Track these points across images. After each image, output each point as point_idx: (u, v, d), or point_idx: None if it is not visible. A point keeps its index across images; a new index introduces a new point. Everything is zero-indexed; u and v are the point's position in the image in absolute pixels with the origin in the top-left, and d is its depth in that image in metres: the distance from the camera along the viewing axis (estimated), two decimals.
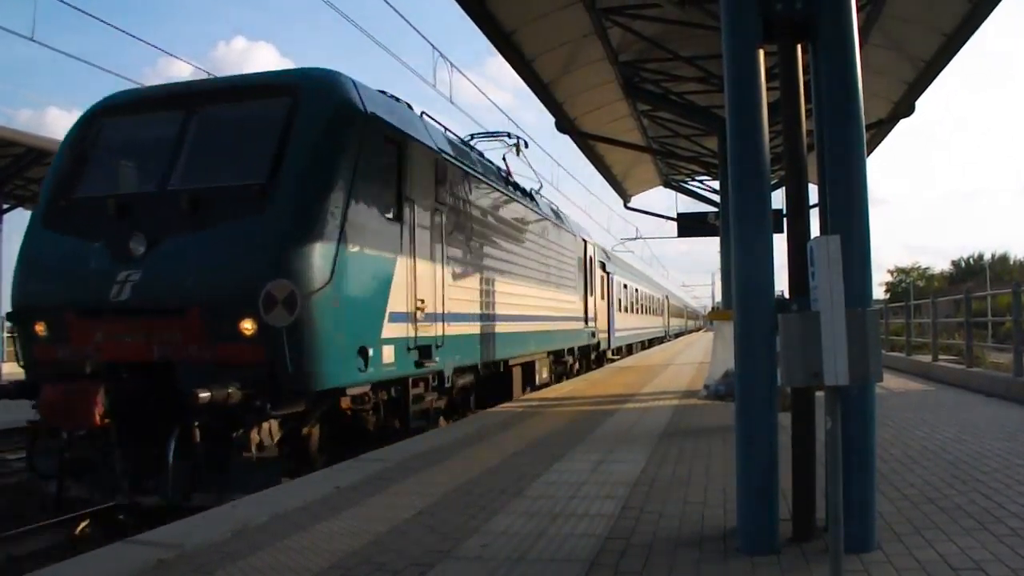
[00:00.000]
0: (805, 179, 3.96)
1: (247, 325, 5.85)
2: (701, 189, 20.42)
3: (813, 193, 4.63)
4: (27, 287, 6.71)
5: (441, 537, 3.95)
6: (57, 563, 3.73)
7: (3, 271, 17.17)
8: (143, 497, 5.89)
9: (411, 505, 4.65)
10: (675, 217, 17.20)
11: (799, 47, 3.92)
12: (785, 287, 3.84)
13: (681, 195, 21.27)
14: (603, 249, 23.90)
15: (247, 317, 5.84)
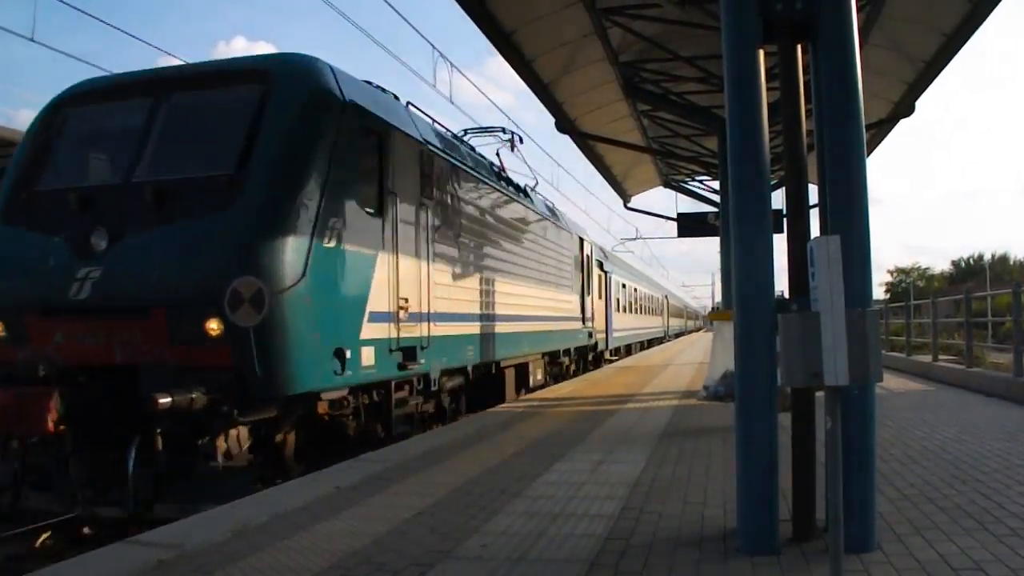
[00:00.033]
0: (805, 179, 3.97)
1: (213, 326, 5.52)
2: (701, 189, 20.48)
3: (813, 193, 4.62)
4: None
5: (441, 537, 3.95)
6: (57, 563, 3.72)
7: None
8: (104, 508, 5.55)
9: (411, 505, 4.65)
10: (675, 217, 17.24)
11: (799, 47, 3.92)
12: (785, 287, 3.84)
13: (681, 195, 21.34)
14: (601, 248, 23.56)
15: (213, 317, 5.52)
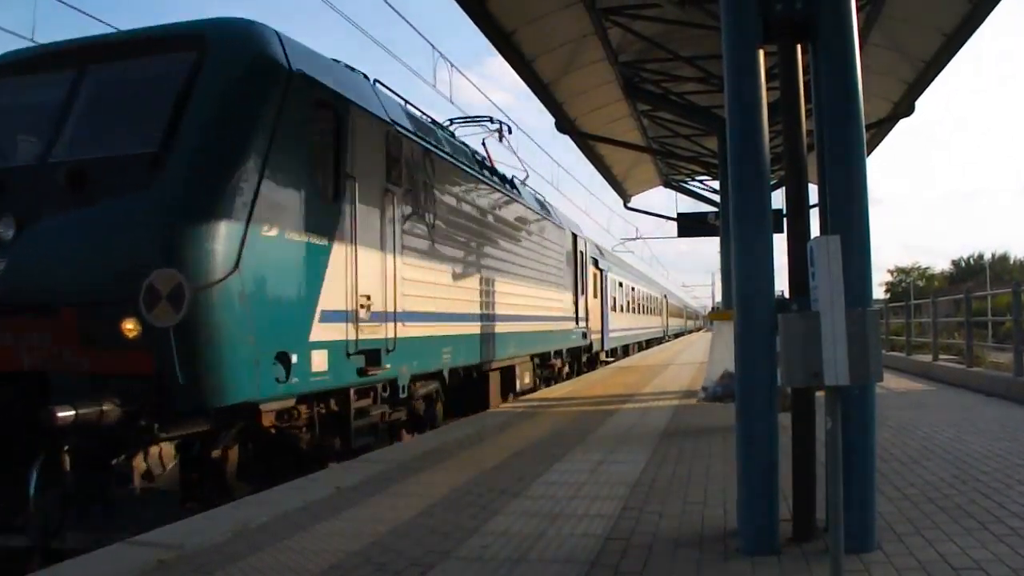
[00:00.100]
0: (805, 179, 3.97)
1: (129, 326, 4.85)
2: (701, 189, 20.48)
3: (813, 193, 4.62)
4: None
5: (441, 537, 3.95)
6: (57, 564, 3.72)
7: None
8: (8, 536, 4.84)
9: (411, 505, 4.65)
10: (675, 217, 17.24)
11: (799, 47, 3.92)
12: (785, 287, 3.84)
13: (681, 195, 21.34)
14: (596, 245, 22.95)
15: (129, 316, 4.85)
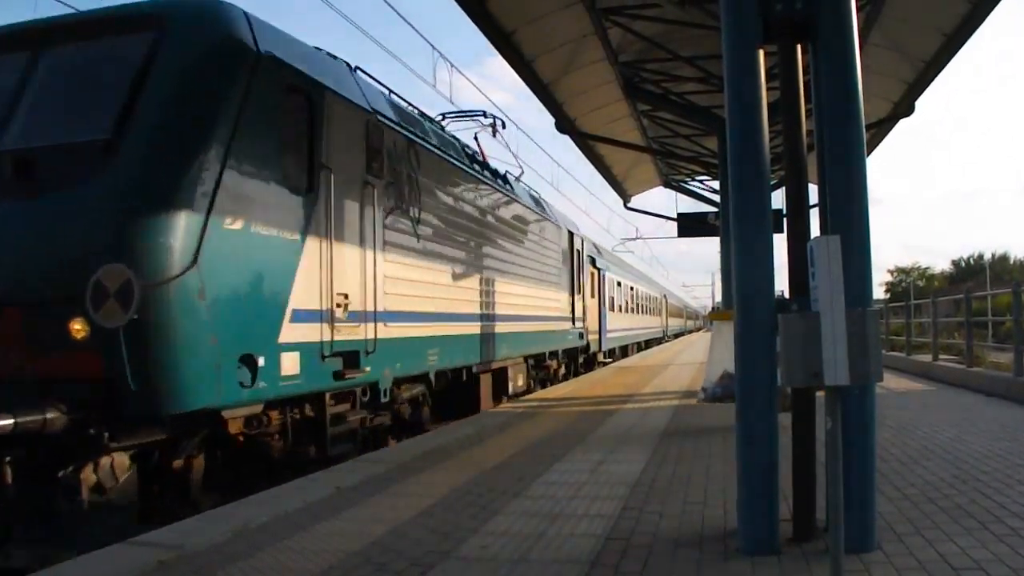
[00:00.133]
0: (805, 179, 3.97)
1: (77, 327, 4.55)
2: (701, 189, 20.49)
3: (813, 193, 4.62)
4: None
5: (441, 538, 3.95)
6: (57, 564, 3.72)
7: None
8: None
9: (412, 506, 4.65)
10: (675, 217, 17.24)
11: (799, 47, 3.92)
12: (785, 287, 3.84)
13: (681, 195, 21.35)
14: (594, 244, 22.52)
15: (76, 316, 4.54)
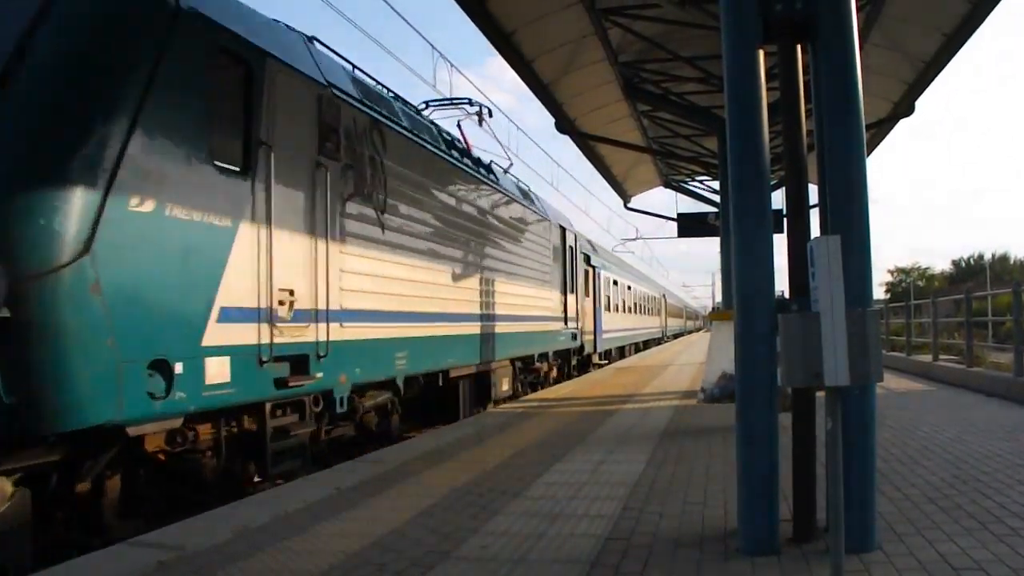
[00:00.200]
0: (805, 179, 3.96)
1: None
2: (701, 189, 20.48)
3: (813, 193, 4.62)
4: None
5: (442, 538, 3.95)
6: (56, 565, 3.72)
7: None
8: None
9: (412, 506, 4.65)
10: (675, 217, 17.24)
11: (799, 47, 3.92)
12: (785, 287, 3.84)
13: (681, 195, 21.33)
14: (589, 240, 21.75)
15: None
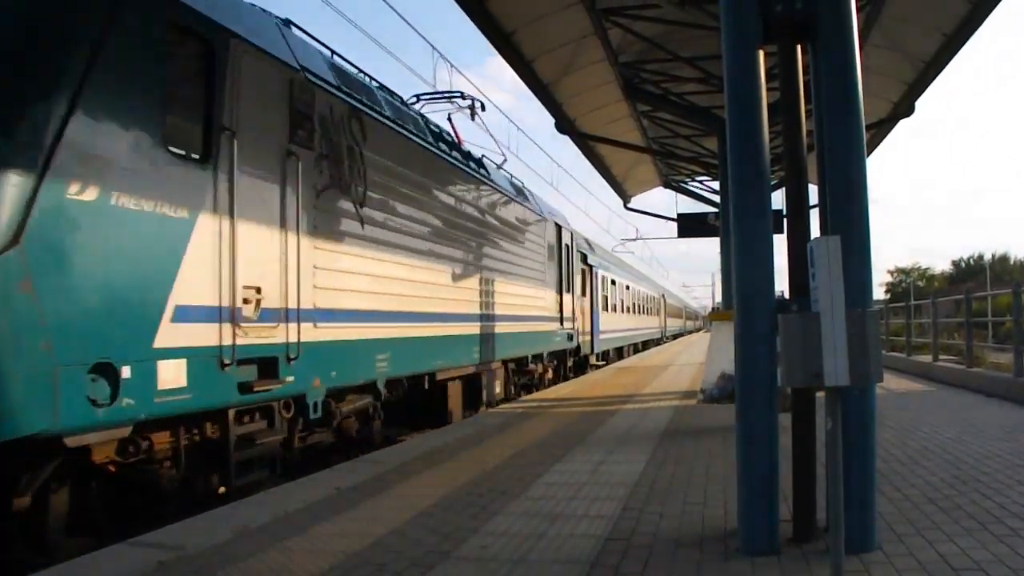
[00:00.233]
0: (805, 179, 3.97)
1: None
2: (701, 189, 20.49)
3: (813, 193, 4.62)
4: None
5: (441, 538, 3.95)
6: (56, 565, 3.72)
7: None
8: None
9: (411, 506, 4.65)
10: (675, 217, 17.24)
11: (799, 47, 3.92)
12: (785, 287, 3.84)
13: (681, 195, 21.33)
14: (586, 239, 21.26)
15: None
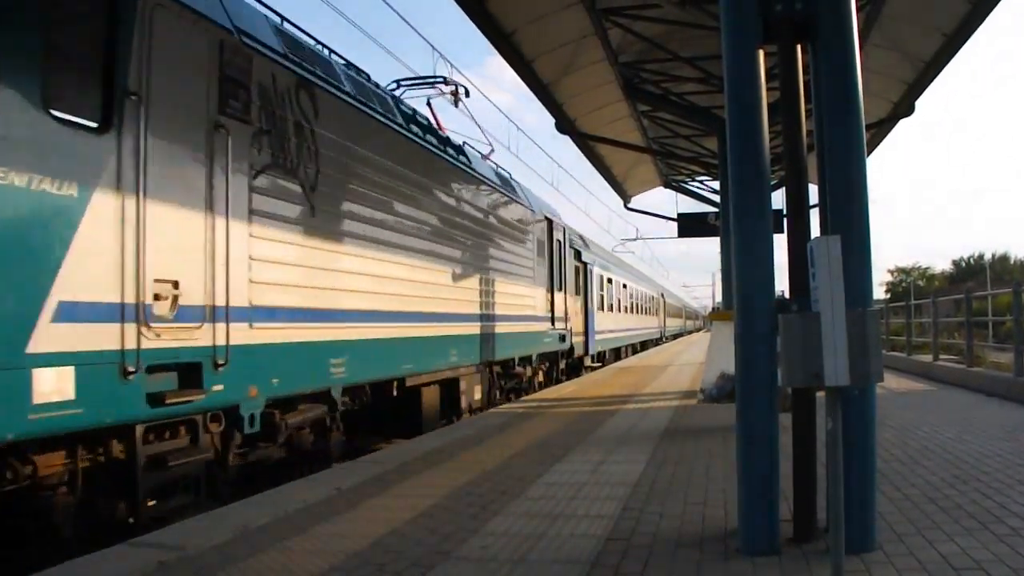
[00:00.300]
0: (805, 179, 3.96)
1: None
2: (701, 189, 20.49)
3: (813, 193, 4.62)
4: None
5: (442, 538, 3.95)
6: (56, 566, 3.71)
7: None
8: None
9: (412, 506, 4.65)
10: (675, 217, 17.24)
11: (799, 47, 3.92)
12: (785, 287, 3.84)
13: (681, 195, 21.34)
14: (580, 235, 20.46)
15: None
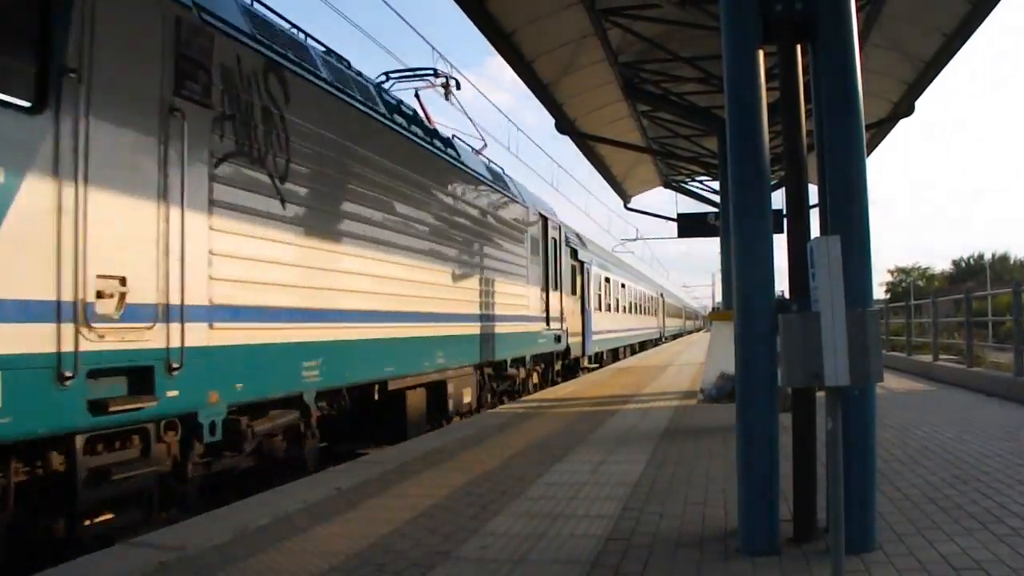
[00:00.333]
0: (805, 179, 3.97)
1: None
2: (701, 189, 20.49)
3: (813, 193, 4.62)
4: None
5: (442, 538, 3.95)
6: (56, 566, 3.71)
7: None
8: None
9: (412, 507, 4.65)
10: (675, 217, 17.24)
11: (799, 47, 3.92)
12: (785, 287, 3.84)
13: (681, 195, 21.34)
14: (577, 234, 20.18)
15: None
